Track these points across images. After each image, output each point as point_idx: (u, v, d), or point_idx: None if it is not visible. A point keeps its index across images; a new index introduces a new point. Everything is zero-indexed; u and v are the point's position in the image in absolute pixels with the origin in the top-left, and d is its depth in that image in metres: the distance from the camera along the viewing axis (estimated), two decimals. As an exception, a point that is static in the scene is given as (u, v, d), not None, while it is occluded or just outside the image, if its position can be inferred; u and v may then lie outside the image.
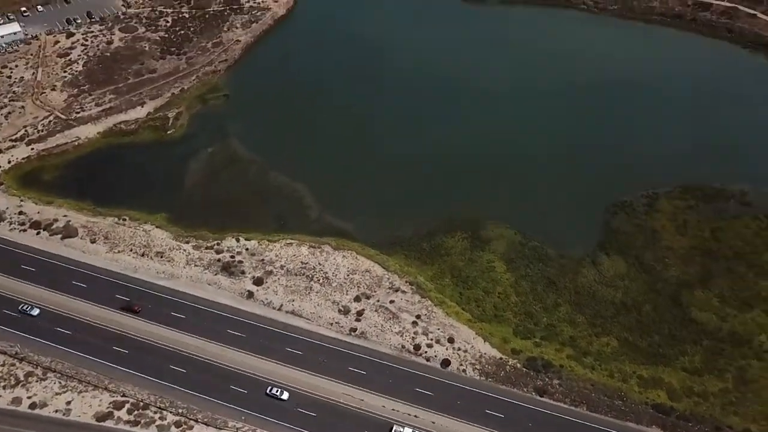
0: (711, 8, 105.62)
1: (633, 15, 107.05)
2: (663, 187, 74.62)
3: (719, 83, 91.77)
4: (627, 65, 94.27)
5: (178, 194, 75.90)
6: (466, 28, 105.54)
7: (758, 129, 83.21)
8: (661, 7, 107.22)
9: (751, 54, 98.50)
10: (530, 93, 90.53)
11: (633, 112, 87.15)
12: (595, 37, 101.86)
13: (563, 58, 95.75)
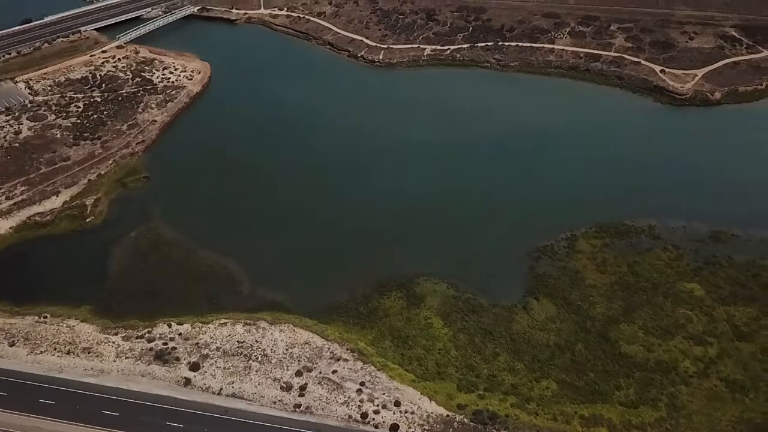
0: (601, 59, 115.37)
1: (533, 69, 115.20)
2: (579, 228, 78.85)
3: (615, 126, 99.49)
4: (532, 115, 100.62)
5: (103, 284, 73.13)
6: (380, 91, 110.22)
7: (655, 166, 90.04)
8: (557, 61, 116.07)
9: (640, 97, 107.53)
10: (446, 148, 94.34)
11: (542, 159, 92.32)
12: (501, 91, 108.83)
13: (474, 113, 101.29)
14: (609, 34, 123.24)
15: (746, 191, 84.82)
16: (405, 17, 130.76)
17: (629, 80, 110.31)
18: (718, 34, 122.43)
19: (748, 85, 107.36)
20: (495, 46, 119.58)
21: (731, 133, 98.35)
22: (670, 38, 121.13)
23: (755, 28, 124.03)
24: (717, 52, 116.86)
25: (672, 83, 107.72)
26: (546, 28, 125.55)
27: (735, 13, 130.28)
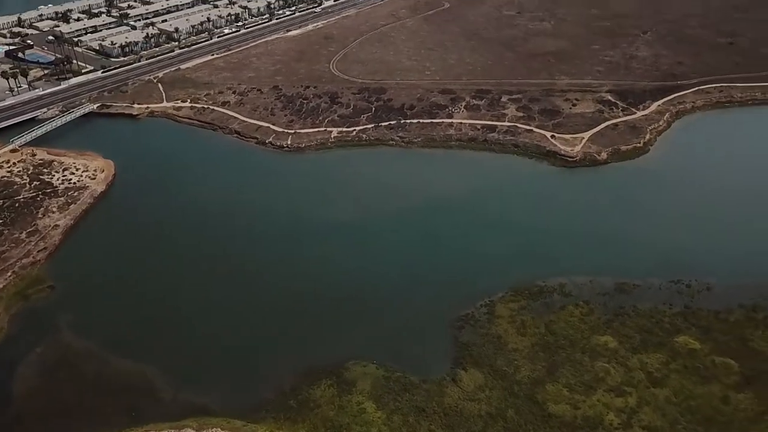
0: (497, 129, 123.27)
1: (435, 143, 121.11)
2: (496, 293, 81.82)
3: (517, 191, 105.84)
4: (438, 188, 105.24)
5: (7, 408, 67.38)
6: (290, 175, 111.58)
7: (557, 225, 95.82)
8: (457, 134, 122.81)
9: (536, 162, 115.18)
10: (359, 227, 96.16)
11: (451, 229, 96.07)
12: (408, 167, 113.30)
13: (382, 191, 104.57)
14: (501, 105, 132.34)
15: (641, 242, 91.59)
16: (309, 102, 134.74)
17: (524, 147, 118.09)
18: (597, 99, 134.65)
19: (628, 144, 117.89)
20: (398, 125, 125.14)
21: (620, 189, 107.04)
22: (556, 106, 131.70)
23: (626, 92, 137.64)
24: (598, 115, 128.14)
25: (563, 147, 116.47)
26: (443, 104, 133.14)
27: (608, 79, 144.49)
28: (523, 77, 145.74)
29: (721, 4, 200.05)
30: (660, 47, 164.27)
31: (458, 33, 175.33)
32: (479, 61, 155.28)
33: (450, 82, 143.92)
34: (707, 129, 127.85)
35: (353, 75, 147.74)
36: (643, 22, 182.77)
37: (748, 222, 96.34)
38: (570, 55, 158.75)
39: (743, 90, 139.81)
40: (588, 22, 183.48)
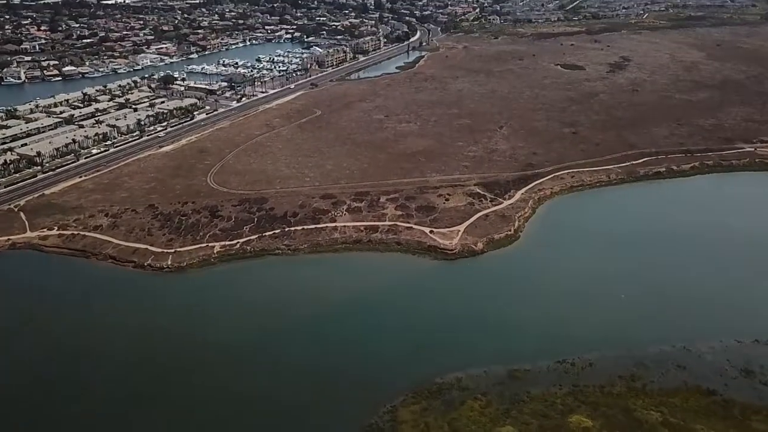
0: (379, 229, 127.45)
1: (322, 248, 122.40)
2: (397, 397, 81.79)
3: (403, 289, 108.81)
4: (326, 292, 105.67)
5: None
6: (172, 297, 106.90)
7: (444, 318, 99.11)
8: (342, 237, 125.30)
9: (419, 258, 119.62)
10: (248, 344, 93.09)
11: (346, 333, 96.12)
12: (297, 275, 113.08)
13: (274, 301, 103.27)
14: (380, 205, 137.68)
15: (526, 327, 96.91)
16: (188, 218, 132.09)
17: (407, 244, 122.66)
18: (467, 192, 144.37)
19: (500, 232, 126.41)
20: (282, 233, 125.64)
21: (499, 277, 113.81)
22: (431, 202, 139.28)
23: (492, 183, 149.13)
24: (470, 208, 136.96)
25: (442, 241, 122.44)
26: (326, 208, 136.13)
27: (475, 173, 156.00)
28: (397, 177, 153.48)
29: (560, 99, 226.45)
30: (516, 140, 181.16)
31: (333, 138, 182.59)
32: (355, 165, 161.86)
33: (329, 186, 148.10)
34: (567, 211, 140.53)
35: (232, 187, 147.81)
36: (498, 119, 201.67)
37: (618, 294, 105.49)
38: (438, 153, 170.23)
39: (591, 174, 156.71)
40: (450, 122, 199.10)
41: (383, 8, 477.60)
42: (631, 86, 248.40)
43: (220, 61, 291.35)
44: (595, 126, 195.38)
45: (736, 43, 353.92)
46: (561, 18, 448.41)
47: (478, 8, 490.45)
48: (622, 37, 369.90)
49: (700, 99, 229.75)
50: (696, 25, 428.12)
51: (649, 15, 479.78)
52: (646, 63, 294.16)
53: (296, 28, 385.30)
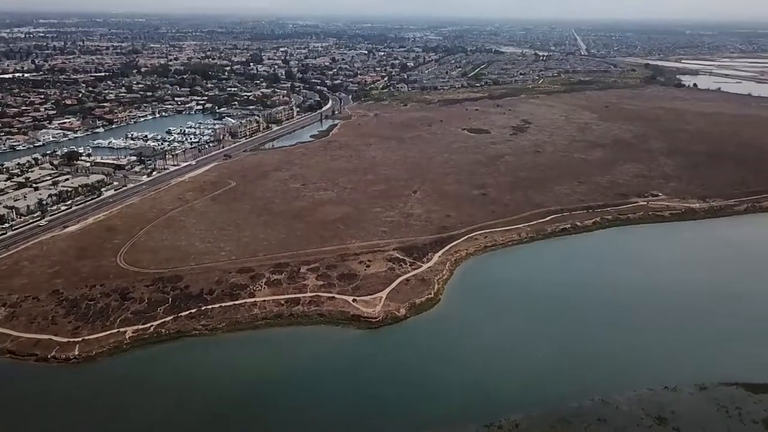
0: (300, 301, 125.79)
1: (241, 326, 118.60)
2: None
3: (328, 363, 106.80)
4: (250, 376, 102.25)
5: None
6: (77, 392, 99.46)
7: (373, 390, 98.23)
8: (262, 313, 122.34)
9: (343, 328, 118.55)
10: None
11: (264, 418, 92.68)
12: (213, 358, 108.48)
13: (187, 392, 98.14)
14: (301, 276, 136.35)
15: (452, 390, 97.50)
16: (97, 302, 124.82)
17: (330, 315, 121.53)
18: (387, 258, 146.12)
19: (421, 297, 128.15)
20: (199, 312, 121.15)
21: (424, 342, 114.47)
22: (352, 269, 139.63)
23: (411, 247, 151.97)
24: (390, 273, 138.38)
25: (365, 309, 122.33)
26: (244, 283, 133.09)
27: (393, 238, 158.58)
28: (317, 246, 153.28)
29: (469, 162, 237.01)
30: (430, 203, 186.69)
31: (249, 210, 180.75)
32: (273, 235, 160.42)
33: (247, 259, 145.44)
34: (483, 271, 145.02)
35: (144, 266, 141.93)
36: (412, 183, 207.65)
37: (538, 352, 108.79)
38: (356, 220, 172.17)
39: (503, 233, 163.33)
40: (366, 188, 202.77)
41: (294, 78, 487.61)
42: (533, 147, 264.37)
43: (128, 135, 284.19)
44: (503, 187, 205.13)
45: (622, 105, 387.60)
46: (465, 85, 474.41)
47: (387, 77, 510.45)
48: (521, 102, 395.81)
49: (595, 157, 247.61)
50: (586, 88, 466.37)
51: (544, 80, 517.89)
52: (545, 125, 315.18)
53: (207, 99, 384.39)
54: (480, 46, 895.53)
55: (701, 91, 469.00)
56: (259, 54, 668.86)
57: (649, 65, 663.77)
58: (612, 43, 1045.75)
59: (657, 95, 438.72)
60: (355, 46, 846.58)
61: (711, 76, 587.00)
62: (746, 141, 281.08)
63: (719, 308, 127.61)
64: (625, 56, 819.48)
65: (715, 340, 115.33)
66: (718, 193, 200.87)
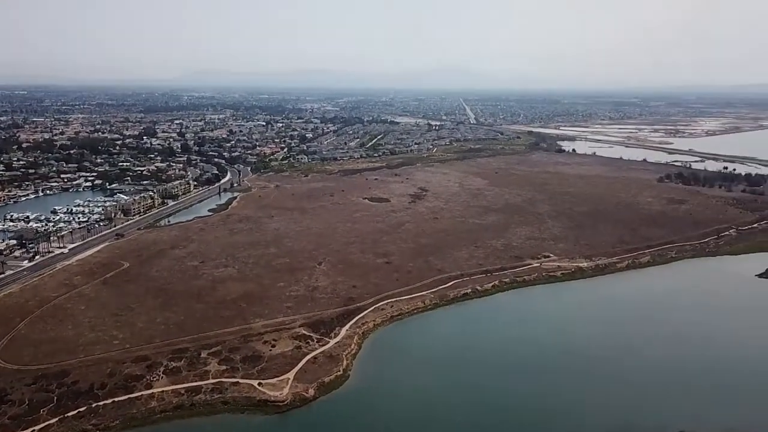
0: (202, 389, 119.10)
1: (138, 422, 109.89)
2: None
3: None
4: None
5: None
6: None
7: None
8: (160, 405, 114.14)
9: (249, 416, 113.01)
10: None
11: None
12: None
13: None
14: (202, 362, 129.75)
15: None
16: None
17: (234, 402, 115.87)
18: (293, 335, 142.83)
19: (330, 374, 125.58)
20: (89, 410, 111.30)
21: (332, 425, 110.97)
22: (257, 351, 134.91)
23: (317, 323, 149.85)
24: (297, 352, 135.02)
25: (271, 393, 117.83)
26: (140, 373, 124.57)
27: (299, 314, 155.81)
28: (219, 327, 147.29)
29: (372, 231, 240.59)
30: (335, 275, 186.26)
31: (144, 292, 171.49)
32: (171, 319, 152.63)
33: (142, 347, 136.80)
34: (391, 342, 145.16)
35: (25, 362, 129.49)
36: (316, 255, 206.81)
37: (452, 421, 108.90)
38: (259, 297, 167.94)
39: (408, 302, 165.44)
40: (269, 262, 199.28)
41: (191, 151, 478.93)
42: (431, 214, 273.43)
43: (7, 217, 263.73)
44: (405, 254, 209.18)
45: (511, 170, 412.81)
46: (363, 155, 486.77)
47: (286, 148, 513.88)
48: (418, 170, 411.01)
49: (489, 222, 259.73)
50: (477, 155, 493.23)
51: (438, 149, 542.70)
52: (441, 192, 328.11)
53: (97, 175, 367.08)
54: (376, 117, 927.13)
55: (579, 155, 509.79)
56: (152, 127, 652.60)
57: (532, 132, 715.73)
58: (498, 112, 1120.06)
59: (541, 160, 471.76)
60: (252, 117, 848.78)
61: (586, 141, 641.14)
62: (621, 201, 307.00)
63: (624, 361, 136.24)
64: (511, 124, 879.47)
65: (629, 391, 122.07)
66: (601, 251, 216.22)
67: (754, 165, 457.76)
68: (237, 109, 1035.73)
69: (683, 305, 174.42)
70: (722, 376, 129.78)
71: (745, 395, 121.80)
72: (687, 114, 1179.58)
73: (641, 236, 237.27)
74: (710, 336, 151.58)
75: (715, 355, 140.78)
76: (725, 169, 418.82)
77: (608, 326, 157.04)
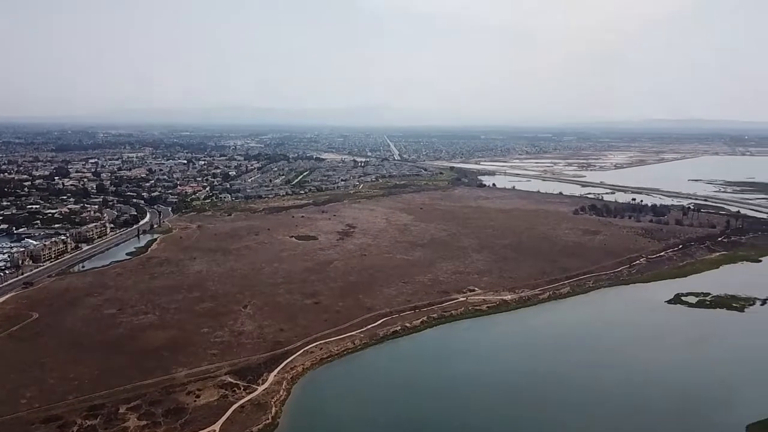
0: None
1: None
2: None
3: None
4: None
5: None
6: None
7: None
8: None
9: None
10: None
11: None
12: None
13: None
14: (120, 418, 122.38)
15: None
16: None
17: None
18: (218, 384, 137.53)
19: (258, 423, 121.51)
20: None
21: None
22: (180, 402, 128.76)
23: (244, 369, 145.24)
24: (223, 401, 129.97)
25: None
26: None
27: (224, 360, 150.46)
28: (138, 379, 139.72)
29: (299, 270, 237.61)
30: (261, 318, 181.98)
31: (56, 345, 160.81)
32: (86, 373, 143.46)
33: (54, 405, 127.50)
34: (321, 386, 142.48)
35: None
36: (241, 298, 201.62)
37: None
38: (183, 344, 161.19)
39: (337, 343, 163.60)
40: (192, 307, 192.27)
41: (107, 192, 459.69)
42: (359, 251, 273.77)
43: None
44: (334, 293, 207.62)
45: (435, 206, 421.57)
46: (289, 192, 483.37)
47: (209, 187, 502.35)
48: (345, 207, 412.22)
49: (416, 257, 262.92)
50: (402, 191, 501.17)
51: (364, 185, 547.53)
52: (368, 228, 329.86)
53: (2, 219, 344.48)
54: (302, 154, 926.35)
55: (500, 189, 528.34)
56: (65, 166, 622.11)
57: (454, 168, 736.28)
58: (421, 149, 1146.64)
59: (464, 195, 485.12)
60: (173, 155, 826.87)
61: (506, 175, 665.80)
62: (541, 233, 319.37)
63: (549, 388, 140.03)
64: (434, 160, 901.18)
65: (556, 416, 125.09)
66: (524, 283, 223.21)
67: (659, 196, 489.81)
68: (157, 146, 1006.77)
69: (601, 333, 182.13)
70: (639, 397, 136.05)
71: (658, 414, 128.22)
72: (597, 148, 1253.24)
73: (561, 267, 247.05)
74: (627, 361, 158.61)
75: (632, 378, 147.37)
76: (633, 200, 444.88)
77: (533, 357, 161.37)
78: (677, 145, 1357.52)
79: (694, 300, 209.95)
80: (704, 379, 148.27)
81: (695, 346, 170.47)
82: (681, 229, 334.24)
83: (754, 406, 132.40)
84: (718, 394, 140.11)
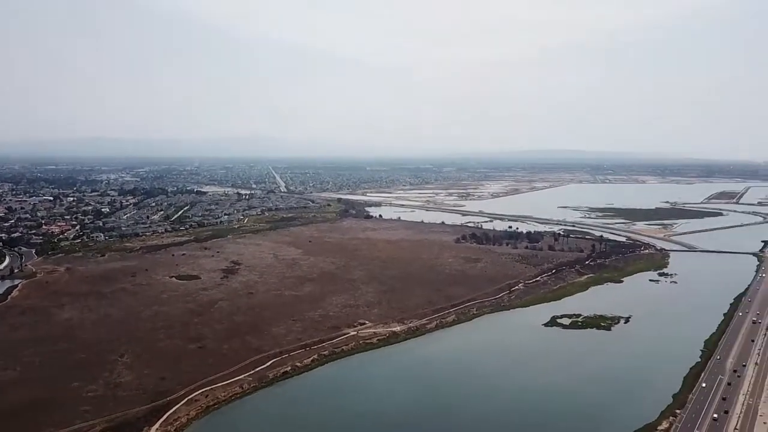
0: None
1: None
2: None
3: None
4: None
5: None
6: None
7: None
8: None
9: None
10: None
11: None
12: None
13: None
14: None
15: None
16: None
17: None
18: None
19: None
20: None
21: None
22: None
23: (122, 425, 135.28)
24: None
25: None
26: None
27: (99, 417, 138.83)
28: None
29: (181, 313, 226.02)
30: (140, 367, 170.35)
31: None
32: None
33: None
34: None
35: None
36: (117, 346, 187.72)
37: None
38: (50, 402, 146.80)
39: (224, 388, 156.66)
40: (60, 360, 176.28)
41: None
42: (245, 289, 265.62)
43: None
44: (219, 336, 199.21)
45: (323, 239, 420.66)
46: (168, 229, 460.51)
47: (79, 225, 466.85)
48: (229, 242, 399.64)
49: (305, 293, 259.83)
50: (289, 224, 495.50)
51: (249, 219, 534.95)
52: (255, 265, 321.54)
53: None
54: (182, 187, 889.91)
55: (386, 220, 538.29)
56: None
57: (341, 199, 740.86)
58: (308, 180, 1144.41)
59: (352, 227, 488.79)
60: (37, 191, 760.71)
61: (391, 206, 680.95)
62: (426, 263, 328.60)
63: (441, 418, 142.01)
64: (321, 192, 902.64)
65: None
66: (412, 314, 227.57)
67: (533, 222, 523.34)
68: (17, 182, 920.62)
69: (486, 359, 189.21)
70: (527, 414, 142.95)
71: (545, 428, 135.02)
72: (475, 178, 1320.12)
73: (446, 295, 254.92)
74: (511, 384, 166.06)
75: (519, 396, 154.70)
76: (510, 228, 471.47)
77: (425, 388, 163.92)
78: (546, 174, 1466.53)
79: (568, 321, 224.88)
80: (579, 399, 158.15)
81: (570, 366, 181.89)
82: (553, 254, 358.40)
83: (626, 419, 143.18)
84: (593, 411, 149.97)
